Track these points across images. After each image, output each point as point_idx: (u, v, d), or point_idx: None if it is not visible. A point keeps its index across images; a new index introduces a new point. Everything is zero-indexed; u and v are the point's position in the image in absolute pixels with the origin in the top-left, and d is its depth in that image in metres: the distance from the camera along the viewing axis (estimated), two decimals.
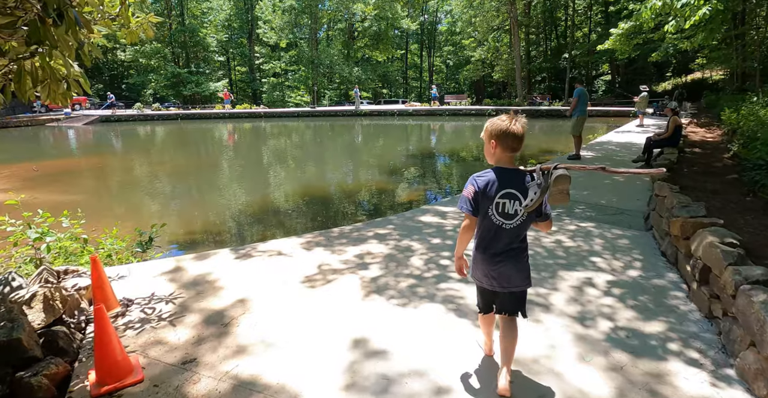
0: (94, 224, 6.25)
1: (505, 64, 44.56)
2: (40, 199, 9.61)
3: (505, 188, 2.19)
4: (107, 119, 34.82)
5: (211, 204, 8.94)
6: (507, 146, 2.19)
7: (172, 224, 7.45)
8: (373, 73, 53.11)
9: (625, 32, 22.32)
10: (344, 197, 9.18)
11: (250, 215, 7.98)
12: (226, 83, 51.64)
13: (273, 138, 23.45)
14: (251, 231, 7.07)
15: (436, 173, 12.61)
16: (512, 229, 2.24)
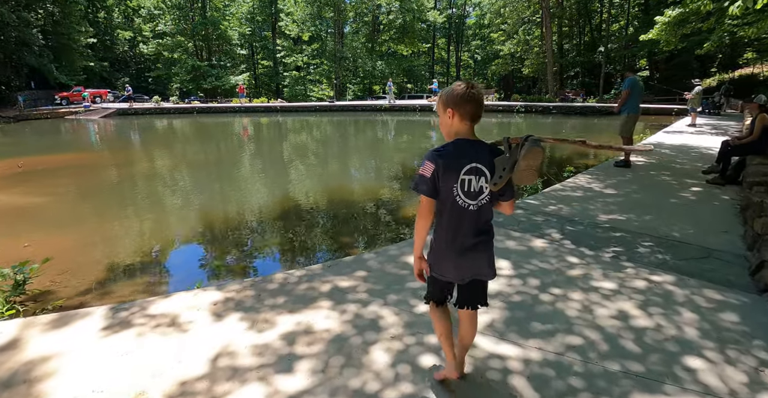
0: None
1: (535, 58, 42.27)
2: (2, 201, 8.42)
3: (470, 162, 1.86)
4: (124, 113, 34.59)
5: (167, 218, 7.39)
6: (466, 113, 1.88)
7: (124, 245, 5.94)
8: (397, 67, 51.36)
9: (672, 20, 20.03)
10: (326, 213, 7.42)
11: (192, 239, 6.38)
12: (247, 77, 50.71)
13: (283, 134, 21.98)
14: (181, 269, 5.43)
15: None
16: (478, 210, 1.91)
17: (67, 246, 6.01)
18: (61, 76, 39.91)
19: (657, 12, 23.94)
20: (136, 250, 5.65)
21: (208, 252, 5.62)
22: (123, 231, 6.53)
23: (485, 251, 1.97)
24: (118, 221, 7.07)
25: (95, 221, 7.16)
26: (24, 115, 33.82)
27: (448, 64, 66.26)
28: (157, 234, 6.34)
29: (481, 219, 1.94)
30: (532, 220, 4.73)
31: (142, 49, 51.21)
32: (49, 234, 6.57)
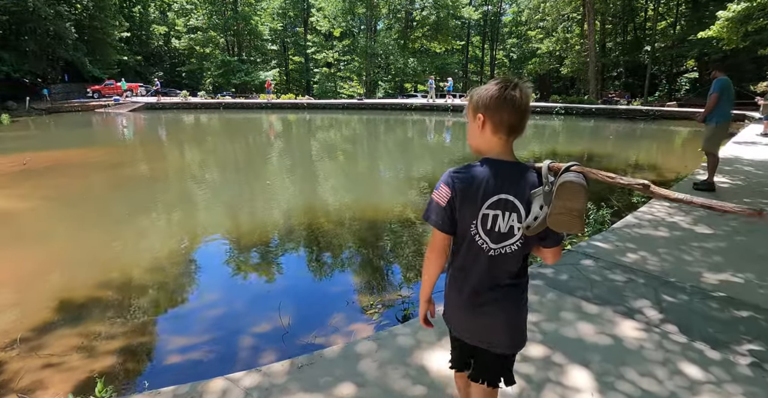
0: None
1: (576, 56, 40.21)
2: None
3: (498, 192, 1.41)
4: (152, 107, 34.59)
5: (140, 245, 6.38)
6: (501, 122, 1.41)
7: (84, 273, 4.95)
8: (430, 65, 49.89)
9: (736, 15, 18.16)
10: (323, 247, 6.31)
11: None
12: (276, 73, 50.21)
13: (309, 135, 20.98)
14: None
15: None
16: (504, 257, 1.46)
17: (23, 272, 5.04)
18: (94, 69, 40.15)
19: (707, 9, 21.98)
20: (96, 284, 4.61)
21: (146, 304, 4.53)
22: (92, 256, 5.52)
23: (503, 313, 1.51)
24: (95, 240, 6.07)
25: (71, 238, 6.18)
26: (55, 107, 34.28)
27: (482, 62, 64.39)
28: (122, 263, 5.30)
29: (503, 269, 1.48)
30: (610, 280, 3.44)
31: (175, 44, 51.32)
32: (11, 253, 5.63)
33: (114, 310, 4.19)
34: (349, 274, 4.76)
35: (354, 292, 4.26)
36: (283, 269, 4.98)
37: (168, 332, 3.77)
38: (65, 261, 5.34)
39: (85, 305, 4.31)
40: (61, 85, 39.30)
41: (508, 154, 1.46)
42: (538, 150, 14.52)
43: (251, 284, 4.65)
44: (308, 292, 4.39)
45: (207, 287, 4.61)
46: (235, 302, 4.22)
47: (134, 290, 4.57)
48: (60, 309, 4.24)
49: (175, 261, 5.24)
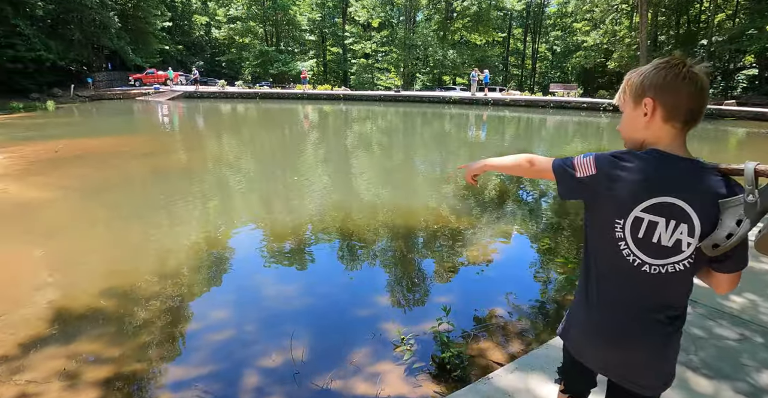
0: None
1: (625, 50, 38.24)
2: (10, 193, 7.46)
3: (663, 192, 1.15)
4: (190, 95, 35.00)
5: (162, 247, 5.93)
6: (679, 107, 1.18)
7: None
8: (470, 57, 48.63)
9: None
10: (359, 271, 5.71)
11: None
12: (313, 63, 50.00)
13: (345, 127, 20.46)
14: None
15: (545, 219, 7.01)
16: (664, 278, 1.19)
17: (20, 273, 4.64)
18: (137, 58, 40.83)
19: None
20: (95, 292, 4.14)
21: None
22: (96, 257, 5.08)
23: (652, 347, 1.22)
24: (102, 239, 5.65)
25: (77, 237, 5.77)
26: (98, 94, 35.22)
27: (524, 55, 62.53)
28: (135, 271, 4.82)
29: (663, 295, 1.20)
30: (717, 336, 2.63)
31: (215, 34, 51.79)
32: (19, 249, 5.27)
33: (109, 325, 3.72)
34: (376, 294, 4.14)
35: (381, 319, 3.63)
36: (301, 284, 4.41)
37: (163, 359, 3.25)
38: (65, 263, 4.93)
39: (81, 317, 3.85)
40: (104, 73, 40.19)
41: (681, 147, 1.20)
42: (595, 150, 13.52)
43: (264, 301, 4.10)
44: (328, 316, 3.79)
45: (214, 303, 4.08)
46: (243, 323, 3.67)
47: (135, 301, 4.08)
48: (53, 319, 3.80)
49: (182, 269, 4.75)
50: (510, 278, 4.53)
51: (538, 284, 4.39)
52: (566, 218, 6.75)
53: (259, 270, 4.77)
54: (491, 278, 4.56)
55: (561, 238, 5.89)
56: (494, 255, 5.14)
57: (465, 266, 4.83)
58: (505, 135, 17.74)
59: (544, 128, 20.85)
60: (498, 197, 8.04)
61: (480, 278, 4.53)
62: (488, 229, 6.15)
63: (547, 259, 5.04)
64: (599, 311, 1.28)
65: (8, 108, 26.17)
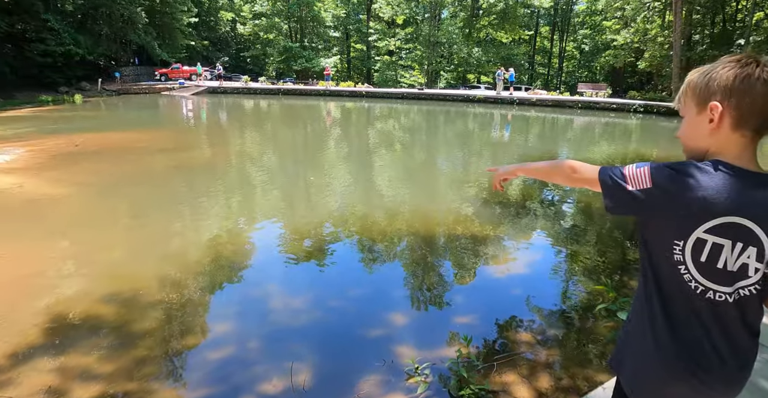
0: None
1: (658, 49, 37.03)
2: (25, 188, 7.37)
3: (730, 212, 1.01)
4: (214, 91, 35.20)
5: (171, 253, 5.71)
6: (752, 113, 1.03)
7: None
8: (495, 55, 47.81)
9: None
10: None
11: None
12: (337, 60, 49.87)
13: (368, 124, 20.17)
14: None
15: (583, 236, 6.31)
16: (729, 304, 1.07)
17: (25, 274, 4.46)
18: (163, 53, 41.24)
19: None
20: (94, 297, 3.92)
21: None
22: (98, 259, 4.87)
23: (727, 379, 1.09)
24: (106, 240, 5.45)
25: (82, 238, 5.59)
26: (125, 89, 35.75)
27: (550, 54, 61.27)
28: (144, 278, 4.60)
29: (734, 322, 1.08)
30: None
31: (241, 30, 52.06)
32: (24, 248, 5.11)
33: (104, 336, 3.49)
34: (390, 310, 3.82)
35: (394, 340, 3.32)
36: (310, 296, 4.13)
37: (156, 378, 3.00)
38: (68, 265, 4.75)
39: (77, 324, 3.64)
40: (131, 68, 40.73)
41: (751, 160, 1.05)
42: (622, 154, 12.97)
43: (269, 314, 3.82)
44: (337, 334, 3.50)
45: (217, 314, 3.83)
46: (245, 339, 3.40)
47: (134, 309, 3.86)
48: (48, 326, 3.60)
49: (187, 274, 4.51)
50: (539, 299, 4.09)
51: (573, 309, 3.97)
52: (608, 230, 6.30)
53: (268, 278, 4.51)
54: (518, 297, 4.18)
55: (601, 254, 5.32)
56: (521, 270, 4.77)
57: (489, 282, 4.49)
58: (532, 135, 17.21)
59: (571, 128, 20.22)
60: (527, 201, 7.64)
61: (505, 297, 4.18)
62: (515, 239, 5.78)
63: (583, 279, 4.55)
64: (662, 340, 1.12)
65: (38, 101, 26.73)
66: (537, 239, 5.79)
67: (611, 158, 12.03)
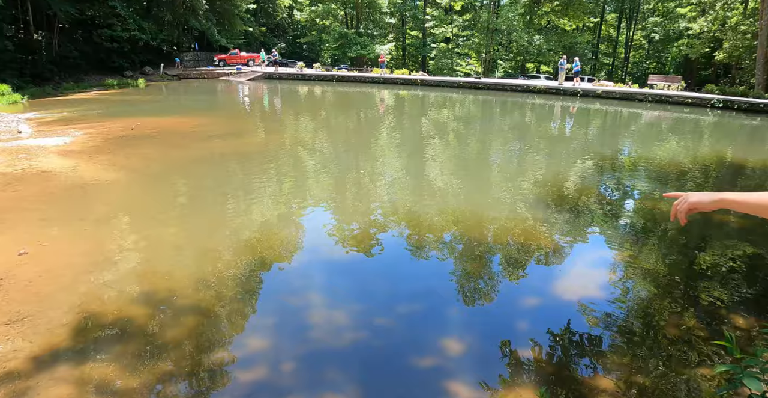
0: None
1: (739, 39, 34.09)
2: (77, 172, 7.38)
3: None
4: (269, 76, 35.47)
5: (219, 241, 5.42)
6: None
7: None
8: (557, 43, 45.62)
9: None
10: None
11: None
12: (393, 47, 49.19)
13: (422, 113, 19.58)
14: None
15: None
16: None
17: (62, 265, 4.29)
18: (222, 39, 41.99)
19: None
20: (127, 298, 3.66)
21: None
22: (142, 256, 4.64)
23: None
24: (153, 232, 5.24)
25: (128, 226, 5.42)
26: (185, 74, 36.73)
27: (616, 43, 57.90)
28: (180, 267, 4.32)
29: None
30: None
31: (297, 16, 52.25)
32: (66, 236, 4.98)
33: (131, 342, 3.22)
34: (445, 335, 3.35)
35: (449, 375, 2.85)
36: (355, 310, 3.71)
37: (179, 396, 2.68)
38: (105, 258, 4.54)
39: (105, 327, 3.40)
40: (191, 54, 41.78)
41: None
42: (701, 154, 11.82)
43: (308, 329, 3.44)
44: (380, 364, 3.06)
45: (252, 326, 3.50)
46: (279, 360, 3.03)
47: (166, 313, 3.58)
48: (75, 328, 3.38)
49: (225, 276, 4.20)
50: (631, 343, 3.39)
51: (675, 362, 3.20)
52: (717, 255, 5.53)
53: (310, 284, 4.13)
54: (601, 337, 3.48)
55: (722, 288, 4.28)
56: (605, 298, 4.10)
57: (563, 310, 3.90)
58: (599, 129, 16.09)
59: (641, 123, 18.81)
60: (602, 204, 6.92)
61: (589, 332, 3.56)
62: (595, 254, 5.14)
63: (695, 325, 3.68)
64: None
65: (104, 84, 27.81)
66: (625, 257, 5.08)
67: (700, 159, 10.93)
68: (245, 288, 3.99)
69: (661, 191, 7.68)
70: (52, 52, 27.46)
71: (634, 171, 9.45)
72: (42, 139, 10.29)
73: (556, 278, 4.38)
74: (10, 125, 12.23)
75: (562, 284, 4.27)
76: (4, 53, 23.04)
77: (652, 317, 3.76)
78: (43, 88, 23.46)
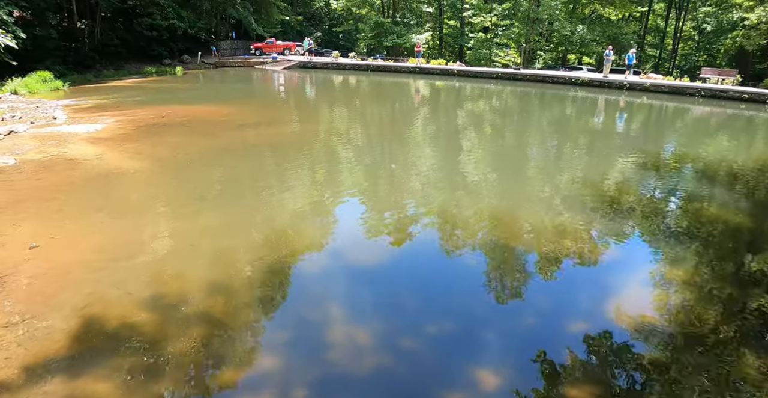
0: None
1: None
2: (103, 160, 7.25)
3: None
4: (304, 65, 35.36)
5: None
6: None
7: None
8: (601, 34, 43.73)
9: None
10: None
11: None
12: (429, 37, 48.29)
13: (455, 104, 18.96)
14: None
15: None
16: None
17: (72, 262, 4.05)
18: (258, 28, 42.09)
19: None
20: (133, 303, 3.36)
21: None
22: (154, 256, 4.34)
23: None
24: (169, 228, 4.96)
25: (145, 220, 5.15)
26: (222, 62, 37.03)
27: (664, 34, 55.15)
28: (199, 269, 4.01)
29: None
30: None
31: (334, 5, 51.91)
32: (85, 229, 4.76)
33: (129, 355, 2.92)
34: (476, 368, 2.90)
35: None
36: (378, 329, 3.31)
37: None
38: (116, 255, 4.28)
39: (105, 336, 3.11)
40: (228, 42, 42.09)
41: None
42: (756, 155, 10.88)
43: (325, 349, 3.06)
44: (407, 393, 2.65)
45: (263, 342, 3.15)
46: (290, 386, 2.66)
47: (171, 322, 3.27)
48: (75, 335, 3.11)
49: (238, 281, 3.87)
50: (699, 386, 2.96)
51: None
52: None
53: (331, 294, 3.76)
54: (669, 363, 3.06)
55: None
56: (660, 315, 3.63)
57: (617, 331, 3.40)
58: (649, 125, 15.14)
59: (693, 119, 17.67)
60: (654, 211, 6.29)
61: (650, 365, 3.08)
62: (653, 271, 4.59)
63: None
64: None
65: (143, 72, 28.23)
66: (671, 265, 4.53)
67: (755, 159, 10.04)
68: (261, 295, 3.65)
69: (709, 192, 6.99)
70: (95, 41, 27.96)
71: (685, 171, 8.69)
72: (74, 125, 10.27)
73: (602, 296, 3.88)
74: (47, 111, 12.34)
75: (610, 302, 3.77)
76: (48, 41, 23.51)
77: (701, 327, 3.23)
78: (84, 75, 23.91)
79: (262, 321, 3.36)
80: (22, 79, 18.36)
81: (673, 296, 3.92)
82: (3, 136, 9.18)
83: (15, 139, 8.98)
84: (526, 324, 3.45)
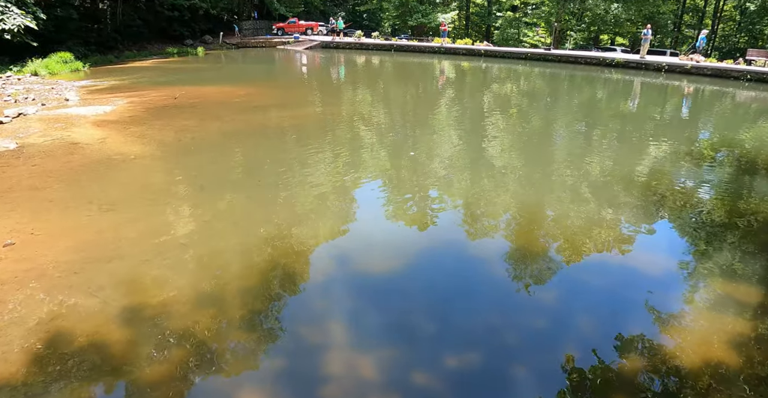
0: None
1: None
2: (105, 144, 6.89)
3: None
4: (327, 45, 34.74)
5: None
6: None
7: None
8: (636, 13, 41.62)
9: None
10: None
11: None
12: (455, 16, 46.86)
13: (481, 87, 18.08)
14: None
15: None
16: None
17: (53, 261, 3.61)
18: (281, 7, 41.35)
19: None
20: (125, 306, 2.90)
21: None
22: (140, 256, 3.87)
23: None
24: (161, 223, 4.48)
25: (137, 214, 4.67)
26: (243, 42, 36.63)
27: (703, 14, 52.33)
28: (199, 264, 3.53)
29: None
30: None
31: None
32: (70, 224, 4.33)
33: (92, 384, 2.45)
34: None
35: None
36: (382, 362, 2.77)
37: None
38: (99, 254, 3.83)
39: (65, 360, 2.65)
40: (250, 22, 41.54)
41: None
42: None
43: (317, 387, 2.53)
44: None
45: (249, 375, 2.63)
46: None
47: (149, 341, 2.80)
48: (31, 356, 2.65)
49: (226, 290, 3.37)
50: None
51: None
52: None
53: (335, 311, 3.24)
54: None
55: None
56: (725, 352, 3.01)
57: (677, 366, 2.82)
58: (696, 110, 14.10)
59: (739, 104, 16.48)
60: (690, 205, 5.56)
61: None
62: (682, 263, 3.95)
63: None
64: None
65: (165, 53, 27.99)
66: (707, 263, 3.87)
67: None
68: (254, 310, 3.15)
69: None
70: (117, 21, 27.73)
71: (730, 163, 7.84)
72: (84, 107, 9.93)
73: (654, 322, 3.27)
74: (61, 93, 12.06)
75: (653, 319, 3.16)
76: (70, 22, 23.29)
77: (743, 330, 2.62)
78: (106, 56, 23.72)
79: (251, 343, 2.87)
80: (43, 61, 18.17)
81: (713, 295, 3.30)
82: (11, 118, 8.88)
83: (23, 121, 8.67)
84: (561, 356, 2.87)
